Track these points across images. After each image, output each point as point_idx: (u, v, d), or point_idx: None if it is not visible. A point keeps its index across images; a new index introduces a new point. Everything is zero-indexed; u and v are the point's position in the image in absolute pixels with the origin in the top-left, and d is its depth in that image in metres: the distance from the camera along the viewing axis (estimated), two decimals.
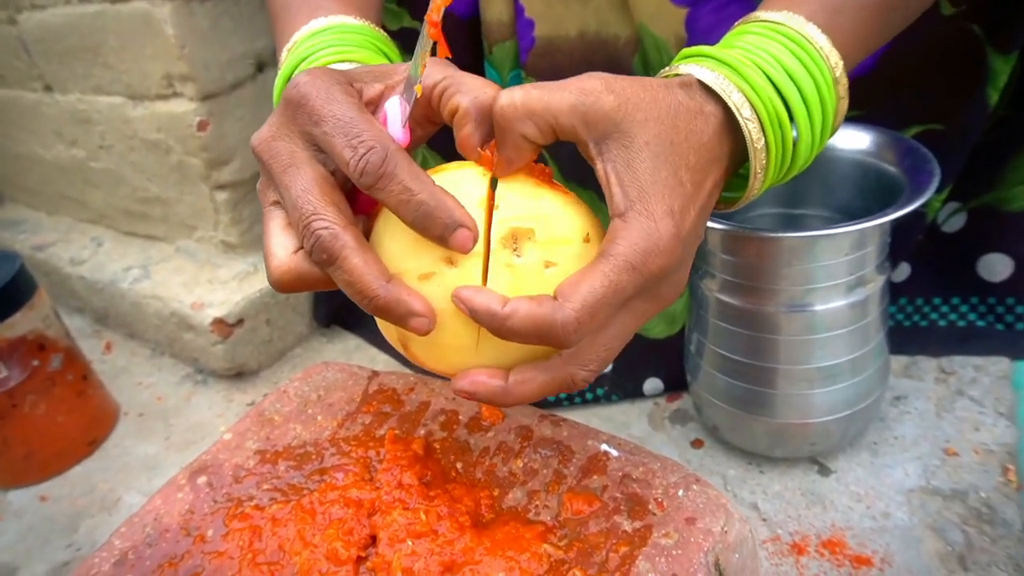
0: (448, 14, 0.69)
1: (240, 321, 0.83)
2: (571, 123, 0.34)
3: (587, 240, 0.36)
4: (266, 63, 0.85)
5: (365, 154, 0.32)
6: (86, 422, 0.78)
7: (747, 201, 0.40)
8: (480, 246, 0.34)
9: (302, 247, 0.35)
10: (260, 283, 0.86)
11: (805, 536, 0.56)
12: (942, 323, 0.72)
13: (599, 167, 0.34)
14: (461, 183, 0.35)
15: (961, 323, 0.71)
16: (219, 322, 0.82)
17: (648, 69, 0.63)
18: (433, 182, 0.34)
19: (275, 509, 0.45)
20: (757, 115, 0.36)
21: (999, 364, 0.68)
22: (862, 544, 0.55)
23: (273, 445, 0.52)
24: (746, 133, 0.36)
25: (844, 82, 0.38)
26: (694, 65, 0.37)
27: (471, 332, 0.35)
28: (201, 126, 0.81)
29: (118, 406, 0.84)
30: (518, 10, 0.64)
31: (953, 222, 0.69)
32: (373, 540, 0.42)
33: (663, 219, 0.33)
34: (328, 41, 0.46)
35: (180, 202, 0.91)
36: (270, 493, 0.47)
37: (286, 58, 0.47)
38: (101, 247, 1.03)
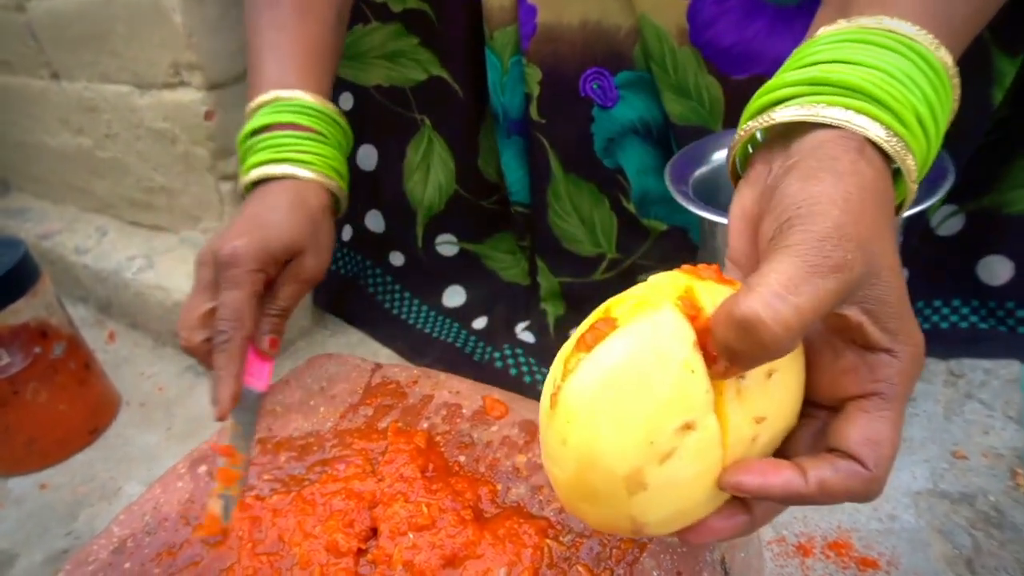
0: None
1: None
2: (835, 309, 0.30)
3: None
4: None
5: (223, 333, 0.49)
6: (87, 411, 0.78)
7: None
8: (705, 391, 0.29)
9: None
10: None
11: (811, 537, 0.55)
12: (944, 325, 0.72)
13: (850, 316, 0.30)
14: (676, 335, 0.29)
15: (963, 324, 0.71)
16: None
17: (648, 59, 0.62)
18: (238, 368, 0.48)
19: (275, 500, 0.45)
20: (915, 159, 0.33)
21: (1009, 367, 0.67)
22: (868, 546, 0.54)
23: (274, 436, 0.51)
24: (908, 184, 0.34)
25: (958, 96, 0.36)
26: (863, 118, 0.32)
27: (711, 490, 0.30)
28: (208, 116, 0.81)
29: (120, 395, 0.84)
30: None
31: (950, 225, 0.68)
32: (374, 532, 0.42)
33: (918, 331, 0.31)
34: (285, 118, 0.55)
35: (185, 192, 0.91)
36: (270, 483, 0.47)
37: (249, 117, 0.57)
38: (106, 236, 1.03)
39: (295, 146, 0.55)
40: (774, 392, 0.30)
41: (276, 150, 0.54)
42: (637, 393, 0.28)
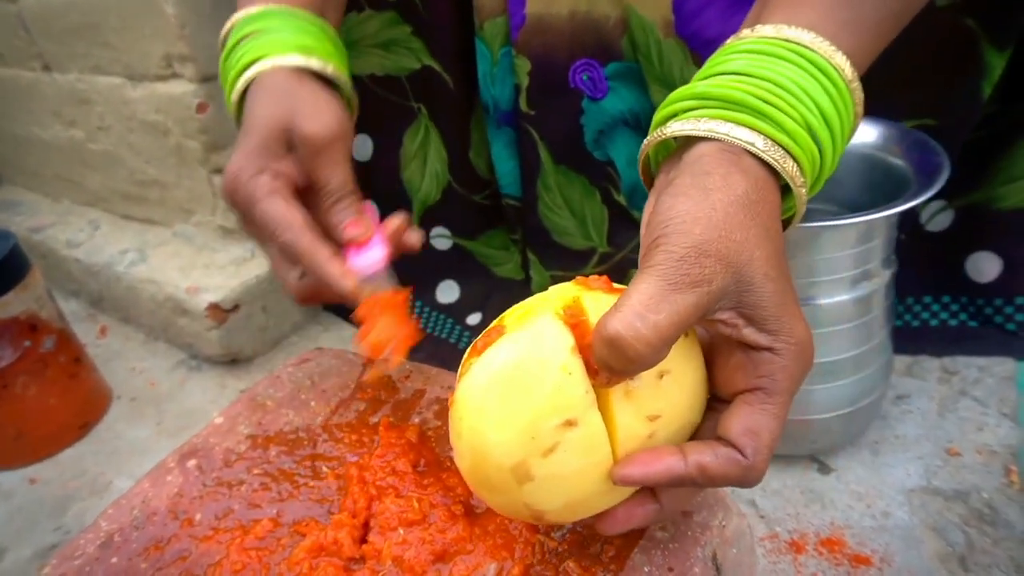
0: None
1: (236, 307, 0.82)
2: (699, 321, 0.32)
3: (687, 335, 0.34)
4: None
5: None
6: (78, 405, 0.77)
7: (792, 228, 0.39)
8: (584, 392, 0.31)
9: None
10: (257, 269, 0.85)
11: (804, 534, 0.55)
12: (934, 323, 0.72)
13: (725, 320, 0.33)
14: (554, 342, 0.32)
15: (953, 322, 0.71)
16: (214, 307, 0.81)
17: (636, 50, 0.62)
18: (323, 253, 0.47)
19: (260, 495, 0.45)
20: (801, 169, 0.35)
21: (1003, 364, 0.67)
22: (861, 543, 0.54)
23: (265, 430, 0.51)
24: (795, 190, 0.35)
25: (861, 100, 0.37)
26: (742, 129, 0.34)
27: (606, 482, 0.33)
28: (200, 108, 0.80)
29: (111, 390, 0.83)
30: None
31: (939, 221, 0.68)
32: (365, 527, 0.42)
33: (802, 329, 0.33)
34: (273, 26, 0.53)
35: (178, 185, 0.90)
36: (260, 478, 0.46)
37: (234, 27, 0.55)
38: (98, 230, 1.02)
39: (306, 32, 0.53)
40: (668, 392, 0.33)
41: (251, 52, 0.52)
42: (519, 392, 0.31)
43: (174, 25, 0.76)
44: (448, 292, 0.88)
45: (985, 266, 0.67)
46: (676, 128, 0.35)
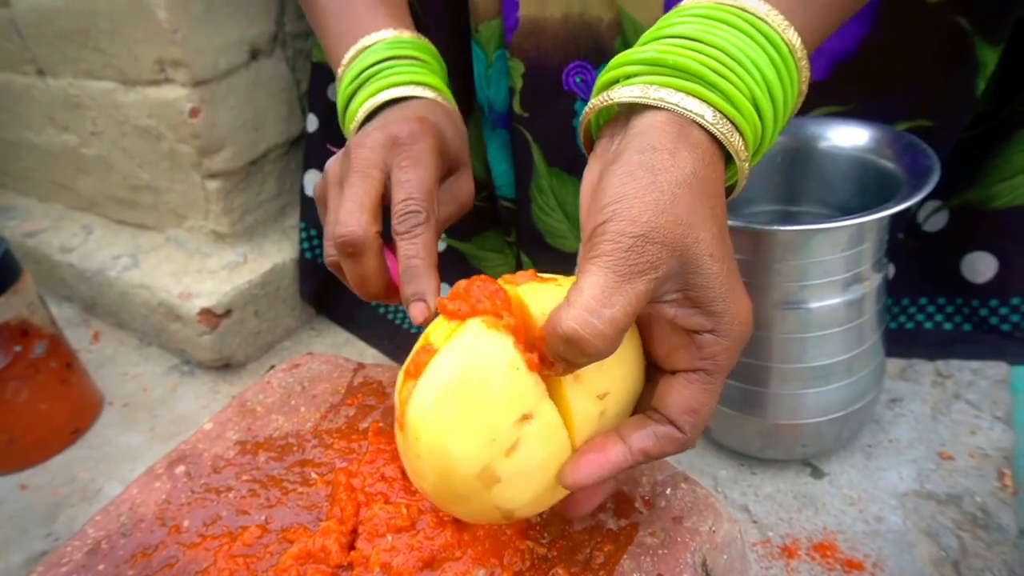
0: None
1: (228, 312, 0.82)
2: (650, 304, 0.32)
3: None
4: (260, 50, 0.84)
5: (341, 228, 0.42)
6: (69, 410, 0.77)
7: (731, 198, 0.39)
8: (534, 383, 0.32)
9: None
10: (249, 274, 0.84)
11: (796, 539, 0.55)
12: (928, 325, 0.71)
13: (664, 312, 0.33)
14: (492, 344, 0.32)
15: (947, 325, 0.71)
16: (207, 312, 0.81)
17: None
18: (435, 258, 0.42)
19: (249, 501, 0.44)
20: (745, 140, 0.35)
21: (997, 368, 0.67)
22: (854, 548, 0.54)
23: (254, 436, 0.50)
24: (739, 163, 0.35)
25: (807, 78, 0.37)
26: (693, 100, 0.33)
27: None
28: (193, 113, 0.80)
29: (103, 395, 0.83)
30: None
31: (935, 221, 0.68)
32: (353, 533, 0.41)
33: (745, 307, 0.33)
34: (389, 54, 0.50)
35: (171, 190, 0.90)
36: (249, 484, 0.46)
37: (349, 64, 0.52)
38: (91, 235, 1.02)
39: (421, 73, 0.51)
40: (612, 369, 0.33)
41: (407, 73, 0.50)
42: (471, 398, 0.31)
43: (167, 30, 0.75)
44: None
45: (981, 266, 0.67)
46: (625, 93, 0.34)
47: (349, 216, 0.42)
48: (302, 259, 0.87)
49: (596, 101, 0.36)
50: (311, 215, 0.84)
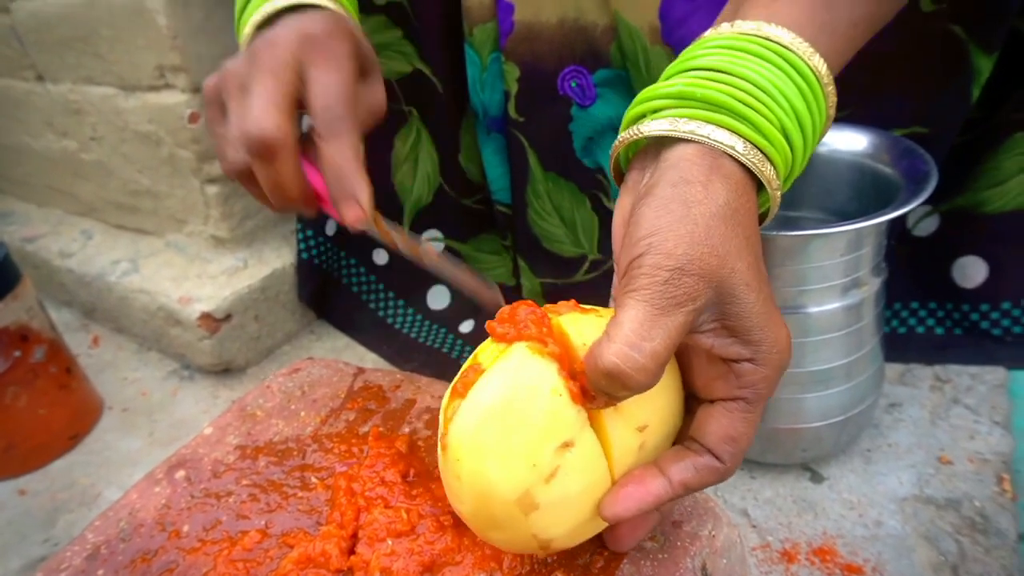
0: None
1: (228, 316, 0.82)
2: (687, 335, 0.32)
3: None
4: None
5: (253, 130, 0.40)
6: (69, 415, 0.77)
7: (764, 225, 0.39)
8: (576, 412, 0.31)
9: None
10: (249, 279, 0.84)
11: (796, 544, 0.55)
12: (920, 329, 0.72)
13: (701, 343, 0.33)
14: (536, 369, 0.32)
15: (939, 330, 0.71)
16: (207, 317, 0.81)
17: (624, 57, 0.62)
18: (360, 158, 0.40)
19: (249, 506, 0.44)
20: (776, 169, 0.35)
21: (995, 372, 0.67)
22: (854, 552, 0.54)
23: (254, 440, 0.50)
24: (770, 192, 0.35)
25: (834, 103, 0.37)
26: (723, 132, 0.33)
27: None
28: (192, 118, 0.80)
29: (102, 400, 0.83)
30: None
31: (925, 225, 0.69)
32: (353, 537, 0.41)
33: (783, 335, 0.33)
34: None
35: (170, 195, 0.90)
36: (249, 489, 0.46)
37: None
38: (91, 240, 1.02)
39: None
40: (652, 401, 0.33)
41: None
42: (514, 423, 0.31)
43: (166, 36, 0.76)
44: (439, 297, 0.88)
45: (971, 271, 0.67)
46: (655, 127, 0.34)
47: (263, 114, 0.40)
48: (299, 261, 0.87)
49: (625, 135, 0.36)
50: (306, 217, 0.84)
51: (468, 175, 0.81)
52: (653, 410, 0.33)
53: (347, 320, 0.90)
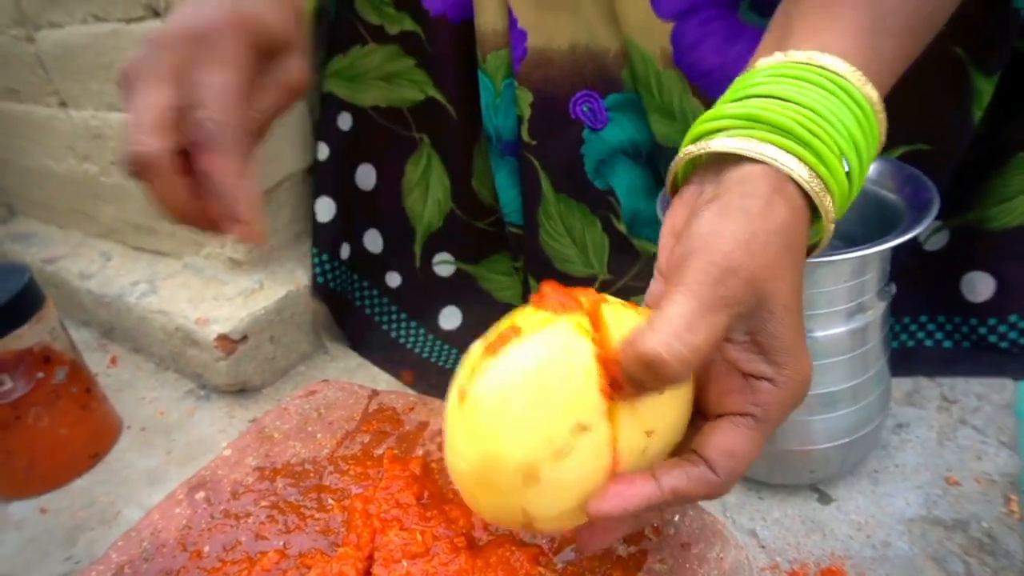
0: (440, 19, 0.70)
1: (244, 338, 0.84)
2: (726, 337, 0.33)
3: None
4: None
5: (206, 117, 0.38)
6: (89, 435, 0.78)
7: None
8: (600, 398, 0.32)
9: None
10: (265, 300, 0.86)
11: (804, 564, 0.56)
12: (928, 343, 0.72)
13: (729, 352, 0.34)
14: (577, 346, 0.32)
15: (947, 343, 0.72)
16: (223, 338, 0.82)
17: (636, 81, 0.63)
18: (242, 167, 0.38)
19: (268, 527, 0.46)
20: (833, 199, 0.35)
21: (1002, 392, 0.68)
22: (861, 573, 0.54)
23: (272, 462, 0.52)
24: (825, 223, 0.35)
25: (884, 130, 0.38)
26: (790, 156, 0.34)
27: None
28: None
29: (121, 420, 0.84)
30: (512, 20, 0.65)
31: (935, 240, 0.69)
32: (369, 559, 0.42)
33: (807, 365, 0.34)
34: None
35: None
36: (267, 510, 0.47)
37: None
38: (110, 261, 1.04)
39: None
40: (665, 408, 0.34)
41: None
42: (542, 393, 0.31)
43: None
44: (450, 318, 0.89)
45: (980, 286, 0.68)
46: (724, 144, 0.35)
47: (138, 129, 0.38)
48: (315, 284, 0.89)
49: (691, 148, 0.37)
50: (323, 241, 0.86)
51: (480, 197, 0.83)
52: (662, 416, 0.34)
53: (361, 339, 0.91)
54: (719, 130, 0.36)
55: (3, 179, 1.21)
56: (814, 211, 0.35)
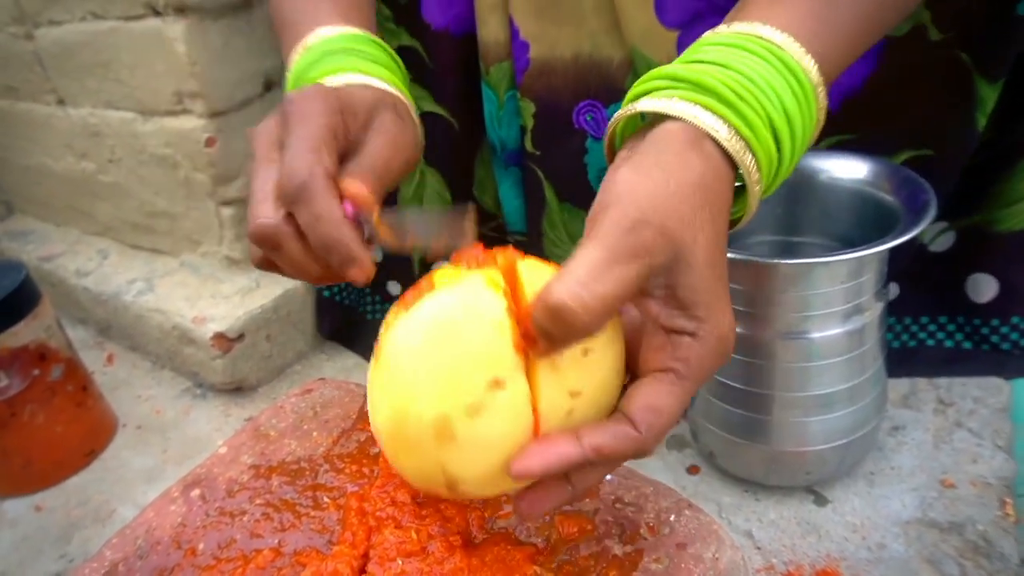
0: (442, 32, 0.70)
1: (240, 336, 0.84)
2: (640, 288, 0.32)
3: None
4: (274, 82, 0.86)
5: (289, 175, 0.37)
6: (84, 433, 0.78)
7: (740, 227, 0.41)
8: (513, 353, 0.31)
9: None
10: (262, 299, 0.86)
11: (799, 566, 0.56)
12: (930, 343, 0.73)
13: (650, 307, 0.33)
14: (487, 299, 0.32)
15: (949, 343, 0.72)
16: (220, 336, 0.82)
17: None
18: (340, 216, 0.37)
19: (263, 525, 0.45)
20: (758, 162, 0.35)
21: (998, 396, 0.68)
22: (856, 575, 0.54)
23: (268, 460, 0.52)
24: (749, 184, 0.36)
25: (824, 107, 0.38)
26: (709, 114, 0.34)
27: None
28: (209, 142, 0.82)
29: (117, 418, 0.84)
30: (514, 31, 0.65)
31: (941, 241, 0.69)
32: (365, 557, 0.42)
33: (727, 320, 0.33)
34: (335, 48, 0.48)
35: (186, 217, 0.92)
36: (263, 508, 0.47)
37: (295, 60, 0.49)
38: (107, 259, 1.04)
39: (374, 60, 0.47)
40: (591, 369, 0.33)
41: (353, 60, 0.46)
42: (449, 341, 0.31)
43: (185, 63, 0.78)
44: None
45: (984, 287, 0.68)
46: (645, 104, 0.36)
47: (253, 208, 0.38)
48: (319, 297, 0.89)
49: (620, 112, 0.38)
50: None
51: (482, 205, 0.83)
52: (590, 379, 0.33)
53: (360, 341, 0.92)
54: (648, 92, 0.37)
55: (1, 177, 1.21)
56: (738, 182, 0.35)
